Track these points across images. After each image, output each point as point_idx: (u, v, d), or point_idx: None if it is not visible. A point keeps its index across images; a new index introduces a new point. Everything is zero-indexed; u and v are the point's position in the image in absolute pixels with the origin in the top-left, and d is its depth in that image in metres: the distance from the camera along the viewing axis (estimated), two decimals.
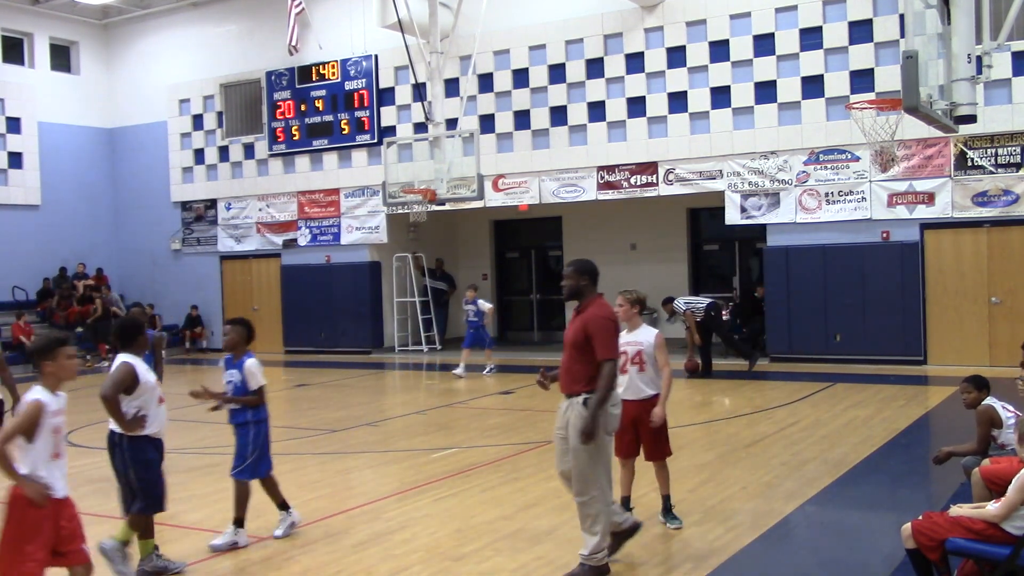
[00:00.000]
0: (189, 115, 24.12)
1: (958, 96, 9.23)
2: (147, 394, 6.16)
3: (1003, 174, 15.31)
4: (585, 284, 5.97)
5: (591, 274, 6.01)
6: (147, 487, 6.16)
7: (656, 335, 6.89)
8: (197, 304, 24.11)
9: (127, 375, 6.04)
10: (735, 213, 17.65)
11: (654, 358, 6.87)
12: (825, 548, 6.79)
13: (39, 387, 4.94)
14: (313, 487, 8.65)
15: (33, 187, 23.71)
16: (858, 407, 12.24)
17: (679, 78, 17.89)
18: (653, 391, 6.89)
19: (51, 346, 4.95)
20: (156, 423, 6.22)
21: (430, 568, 6.32)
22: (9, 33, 23.79)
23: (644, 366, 6.85)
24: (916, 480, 8.68)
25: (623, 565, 6.24)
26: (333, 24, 21.57)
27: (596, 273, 6.05)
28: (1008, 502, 4.92)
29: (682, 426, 11.51)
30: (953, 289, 15.92)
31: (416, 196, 16.95)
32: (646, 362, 6.85)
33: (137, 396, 6.11)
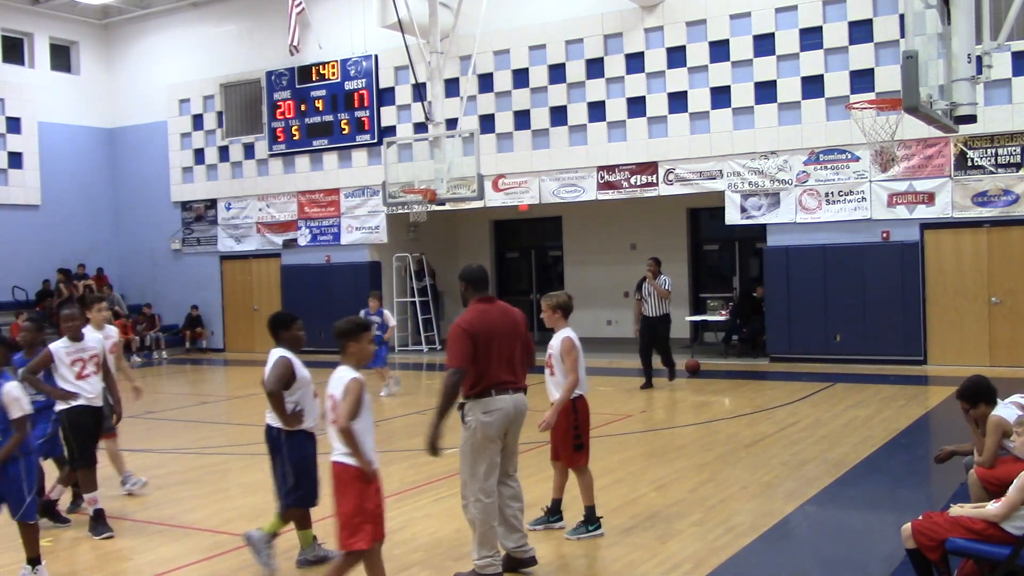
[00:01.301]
0: (189, 115, 24.13)
1: (958, 96, 9.23)
2: (303, 389, 6.25)
3: (1003, 174, 15.31)
4: (465, 290, 6.08)
5: (468, 279, 6.08)
6: (301, 481, 6.24)
7: (563, 340, 6.70)
8: (197, 304, 24.11)
9: (287, 369, 6.13)
10: (735, 213, 17.65)
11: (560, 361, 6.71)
12: (825, 548, 6.79)
13: (345, 366, 5.27)
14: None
15: (33, 187, 23.71)
16: (858, 407, 12.24)
17: (679, 78, 17.89)
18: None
19: (358, 329, 5.34)
20: (311, 417, 6.29)
21: (430, 568, 6.32)
22: (9, 33, 23.79)
23: (553, 370, 6.78)
24: (916, 480, 8.69)
25: (622, 564, 6.25)
26: (333, 24, 21.58)
27: (474, 278, 6.07)
28: (1009, 502, 4.92)
29: (682, 426, 11.52)
30: (953, 289, 15.92)
31: (416, 196, 16.94)
32: (555, 366, 6.76)
33: (294, 391, 6.19)
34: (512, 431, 6.00)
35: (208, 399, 16.75)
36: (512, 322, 6.04)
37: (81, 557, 6.88)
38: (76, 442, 7.30)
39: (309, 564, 6.38)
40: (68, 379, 7.29)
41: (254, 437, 12.20)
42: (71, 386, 7.26)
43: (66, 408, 7.26)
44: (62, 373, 7.29)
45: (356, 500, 5.07)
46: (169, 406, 15.43)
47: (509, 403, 5.88)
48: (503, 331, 5.93)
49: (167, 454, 10.85)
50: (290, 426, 6.16)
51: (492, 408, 5.79)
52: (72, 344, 7.37)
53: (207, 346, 24.05)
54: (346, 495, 5.08)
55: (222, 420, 14.27)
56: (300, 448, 6.24)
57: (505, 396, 5.86)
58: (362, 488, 5.07)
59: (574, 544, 6.69)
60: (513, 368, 5.96)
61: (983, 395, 6.32)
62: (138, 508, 8.20)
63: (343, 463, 5.09)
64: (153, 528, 7.48)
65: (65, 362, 7.30)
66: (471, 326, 5.83)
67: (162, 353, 23.16)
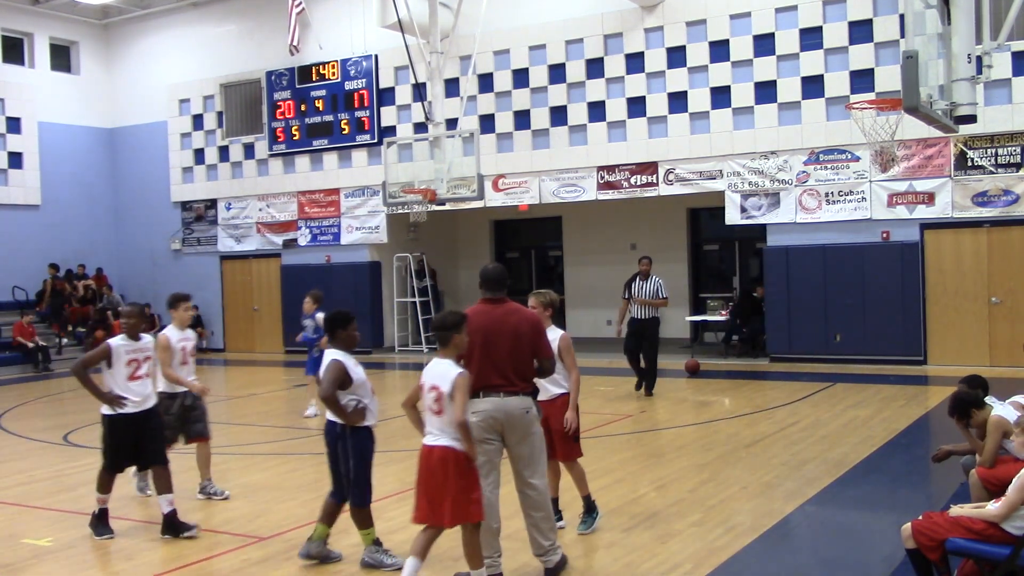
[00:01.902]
0: (189, 115, 24.12)
1: (958, 96, 9.22)
2: (361, 388, 6.29)
3: (1003, 174, 15.31)
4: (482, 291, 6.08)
5: (480, 277, 6.12)
6: (359, 479, 6.25)
7: (560, 337, 6.68)
8: (197, 304, 24.08)
9: (340, 372, 6.16)
10: (735, 213, 17.65)
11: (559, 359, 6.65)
12: (825, 548, 6.79)
13: (447, 360, 5.56)
14: (313, 487, 8.63)
15: (33, 187, 23.71)
16: (858, 407, 12.24)
17: (679, 78, 17.89)
18: (559, 390, 6.73)
19: (463, 322, 5.66)
20: (372, 415, 6.34)
21: (430, 568, 6.31)
22: (9, 33, 23.79)
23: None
24: (916, 480, 8.69)
25: (622, 564, 6.25)
26: (333, 24, 21.57)
27: (485, 277, 6.10)
28: (1008, 502, 4.92)
29: (682, 426, 11.51)
30: (953, 289, 15.91)
31: (416, 196, 16.93)
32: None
33: (352, 392, 6.24)
34: (512, 436, 5.87)
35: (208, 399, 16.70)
36: (514, 324, 5.91)
37: (81, 557, 6.88)
38: (110, 448, 7.16)
39: (309, 557, 6.41)
40: (119, 380, 7.08)
41: (254, 437, 12.22)
42: (121, 388, 7.06)
43: (110, 414, 7.08)
44: (116, 372, 7.08)
45: (469, 477, 5.49)
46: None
47: (493, 405, 5.78)
48: (500, 333, 5.84)
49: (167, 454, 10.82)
50: (353, 423, 6.18)
51: (476, 409, 5.74)
52: (131, 343, 7.19)
53: (207, 346, 24.03)
54: (459, 474, 5.46)
55: (222, 420, 14.25)
56: (364, 445, 6.27)
57: (490, 399, 5.79)
58: (469, 467, 5.50)
59: (574, 544, 6.69)
60: (507, 370, 5.83)
61: (973, 403, 6.34)
62: (138, 508, 8.20)
63: (452, 447, 5.46)
64: (153, 528, 7.48)
65: (122, 360, 7.11)
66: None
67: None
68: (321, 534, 6.43)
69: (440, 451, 5.48)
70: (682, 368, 16.43)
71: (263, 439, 11.73)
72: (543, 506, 5.99)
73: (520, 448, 5.91)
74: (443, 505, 5.45)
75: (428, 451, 5.54)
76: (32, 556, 6.91)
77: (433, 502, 5.49)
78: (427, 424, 5.59)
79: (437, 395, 5.48)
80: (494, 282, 6.07)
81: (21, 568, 6.64)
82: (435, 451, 5.50)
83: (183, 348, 8.12)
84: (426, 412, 5.59)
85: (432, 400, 5.50)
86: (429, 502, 5.51)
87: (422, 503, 5.55)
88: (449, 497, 5.44)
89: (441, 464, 5.47)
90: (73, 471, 9.96)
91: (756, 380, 15.62)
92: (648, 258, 14.20)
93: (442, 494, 5.45)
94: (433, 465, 5.50)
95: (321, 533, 6.43)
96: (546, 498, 6.04)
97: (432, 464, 5.50)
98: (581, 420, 6.84)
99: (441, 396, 5.46)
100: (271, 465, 9.94)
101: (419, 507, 5.58)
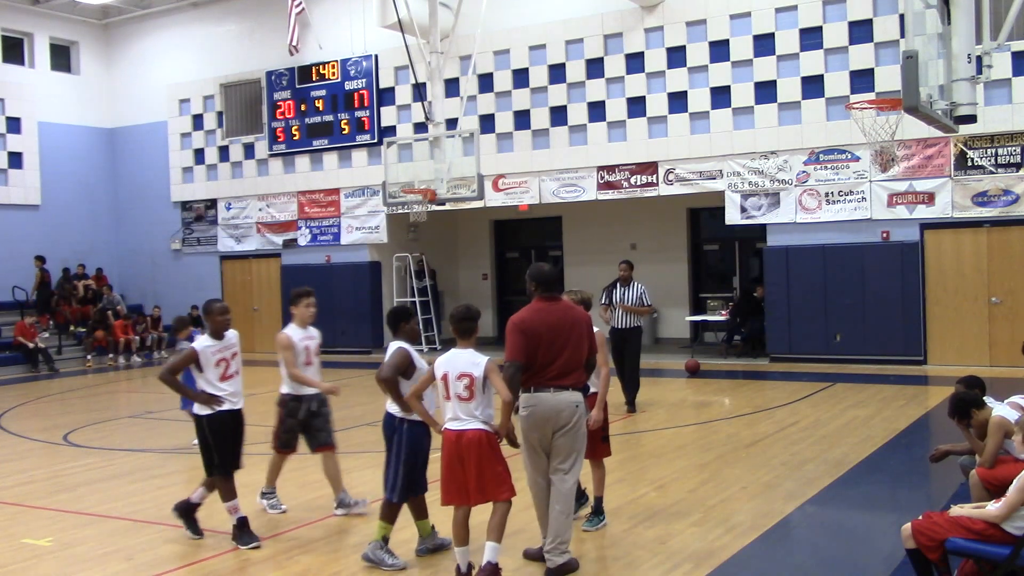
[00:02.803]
0: (189, 115, 24.12)
1: (958, 96, 9.22)
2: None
3: (1003, 174, 15.31)
4: (534, 288, 6.20)
5: (536, 278, 6.19)
6: (411, 471, 6.33)
7: (597, 334, 6.68)
8: (197, 304, 24.08)
9: (404, 359, 6.31)
10: (735, 213, 17.65)
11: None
12: (825, 548, 6.79)
13: (471, 350, 5.87)
14: (313, 487, 8.63)
15: (33, 187, 23.71)
16: (858, 407, 12.24)
17: (679, 78, 17.89)
18: (591, 389, 6.83)
19: (478, 316, 6.01)
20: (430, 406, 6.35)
21: (430, 568, 6.32)
22: (9, 33, 23.79)
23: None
24: (916, 480, 8.68)
25: (622, 564, 6.25)
26: (333, 24, 21.57)
27: (541, 277, 6.17)
28: (1009, 502, 4.92)
29: (682, 426, 11.51)
30: (953, 289, 15.91)
31: (416, 196, 16.92)
32: None
33: (414, 381, 6.30)
34: (558, 429, 5.99)
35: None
36: (571, 322, 6.09)
37: (81, 557, 6.87)
38: (218, 449, 6.88)
39: (429, 552, 6.50)
40: (212, 380, 6.87)
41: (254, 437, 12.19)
42: (214, 388, 6.85)
43: (208, 414, 6.86)
44: (206, 374, 6.86)
45: (497, 457, 5.80)
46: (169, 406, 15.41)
47: (548, 400, 5.97)
48: (558, 330, 6.02)
49: (167, 454, 10.85)
50: (408, 412, 6.27)
51: (530, 404, 5.98)
52: (216, 342, 6.96)
53: None
54: (490, 455, 5.75)
55: None
56: (418, 436, 6.35)
57: (545, 394, 5.97)
58: (498, 447, 5.83)
59: (575, 544, 6.69)
60: (564, 367, 6.00)
61: (973, 403, 6.34)
62: (138, 508, 8.20)
63: (482, 429, 5.76)
64: (153, 528, 7.48)
65: (211, 361, 6.87)
66: (523, 322, 6.01)
67: (162, 353, 23.15)
68: (425, 530, 6.57)
69: (471, 434, 5.74)
70: (682, 368, 16.44)
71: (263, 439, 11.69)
72: (567, 501, 6.04)
73: (561, 440, 6.02)
74: (472, 485, 5.72)
75: (457, 435, 5.77)
76: (32, 556, 6.91)
77: (462, 484, 5.75)
78: (449, 411, 5.82)
79: (469, 382, 5.75)
80: (552, 282, 6.24)
81: (21, 568, 6.64)
82: (465, 434, 5.75)
83: (307, 347, 7.68)
84: (449, 400, 5.82)
85: (462, 387, 5.75)
86: (458, 484, 5.76)
87: (452, 487, 5.79)
88: (479, 477, 5.71)
89: (471, 446, 5.72)
90: (73, 471, 9.96)
91: (756, 380, 15.62)
92: (628, 262, 12.59)
93: (471, 475, 5.72)
94: (463, 448, 5.73)
95: (425, 529, 6.57)
96: (571, 496, 6.09)
97: (461, 447, 5.74)
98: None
99: (473, 382, 5.74)
100: None
101: (448, 490, 5.81)
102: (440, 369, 5.88)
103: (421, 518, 6.57)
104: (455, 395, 5.80)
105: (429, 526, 6.59)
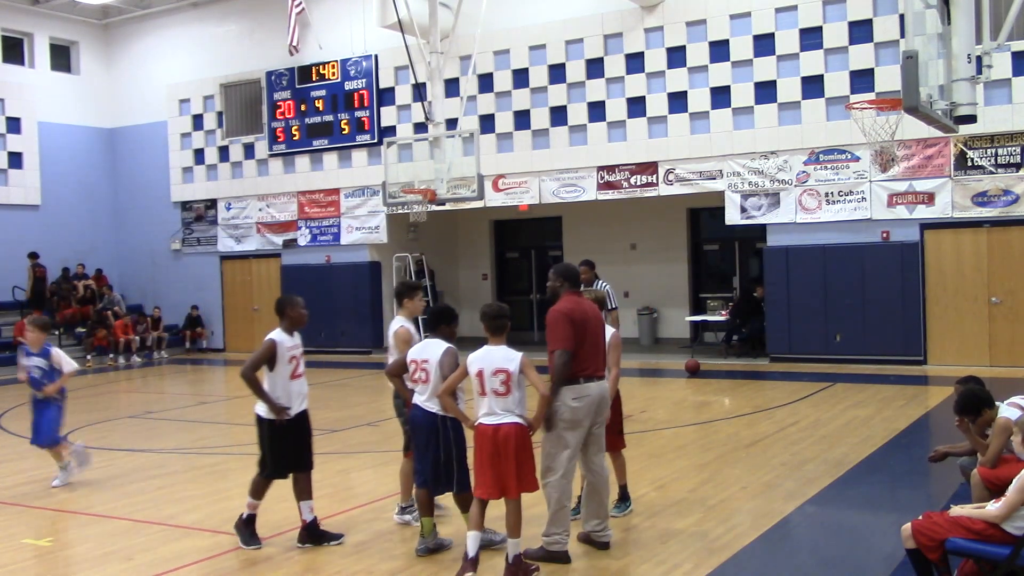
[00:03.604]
0: (189, 115, 24.12)
1: (958, 96, 9.22)
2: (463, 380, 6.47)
3: (1003, 174, 15.31)
4: (560, 285, 6.42)
5: (564, 275, 6.45)
6: (459, 466, 6.39)
7: (615, 333, 7.05)
8: (198, 305, 24.10)
9: (457, 358, 6.42)
10: (735, 213, 17.65)
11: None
12: (825, 548, 6.79)
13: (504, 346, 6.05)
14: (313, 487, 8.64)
15: (33, 187, 23.71)
16: (858, 407, 12.24)
17: (679, 78, 17.89)
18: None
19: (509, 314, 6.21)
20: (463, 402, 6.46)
21: (430, 568, 6.32)
22: (9, 33, 23.79)
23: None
24: (916, 480, 8.69)
25: (623, 565, 6.25)
26: (333, 24, 21.57)
27: (569, 274, 6.48)
28: (1008, 502, 4.93)
29: (682, 426, 11.51)
30: (953, 289, 15.92)
31: (416, 196, 16.92)
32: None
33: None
34: (599, 418, 6.33)
35: (208, 399, 16.76)
36: (597, 317, 6.47)
37: (81, 557, 6.88)
38: (273, 455, 6.78)
39: (429, 552, 6.54)
40: (282, 378, 6.70)
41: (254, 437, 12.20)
42: (283, 389, 6.68)
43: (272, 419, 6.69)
44: (279, 370, 6.66)
45: (529, 452, 5.99)
46: (169, 406, 15.44)
47: (597, 390, 6.25)
48: (593, 322, 6.36)
49: (167, 454, 10.86)
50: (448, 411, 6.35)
51: (581, 395, 6.17)
52: (290, 339, 6.77)
53: (207, 346, 24.05)
54: (524, 449, 5.94)
55: (222, 420, 14.28)
56: (463, 434, 6.42)
57: (592, 384, 6.24)
58: (529, 442, 5.99)
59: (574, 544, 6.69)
60: (600, 358, 6.36)
61: (985, 402, 6.29)
62: (138, 508, 8.20)
63: (517, 424, 5.93)
64: (153, 528, 7.49)
65: (285, 357, 6.70)
66: (571, 312, 6.22)
67: (162, 353, 23.18)
68: (429, 528, 6.61)
69: (507, 428, 5.91)
70: (682, 368, 16.44)
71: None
72: (606, 486, 6.51)
73: (599, 429, 6.41)
74: (510, 478, 5.89)
75: (492, 430, 5.93)
76: (32, 556, 6.91)
77: (499, 476, 5.90)
78: (484, 406, 5.98)
79: (505, 377, 5.91)
80: (578, 280, 6.59)
81: (21, 568, 6.65)
82: (501, 428, 5.91)
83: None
84: (484, 396, 5.97)
85: (498, 383, 5.91)
86: (496, 478, 5.90)
87: (487, 479, 5.93)
88: (516, 470, 5.89)
89: (508, 440, 5.89)
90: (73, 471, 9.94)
91: (756, 380, 15.62)
92: (588, 262, 10.72)
93: (511, 468, 5.89)
94: (499, 442, 5.89)
95: (429, 527, 6.60)
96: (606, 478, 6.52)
97: (497, 441, 5.90)
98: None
99: (509, 378, 5.91)
100: None
101: (484, 483, 5.95)
102: (474, 366, 6.01)
103: (427, 515, 6.60)
104: (491, 391, 5.95)
105: (432, 524, 6.63)
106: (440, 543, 6.62)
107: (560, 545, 6.23)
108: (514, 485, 5.91)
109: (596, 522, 6.48)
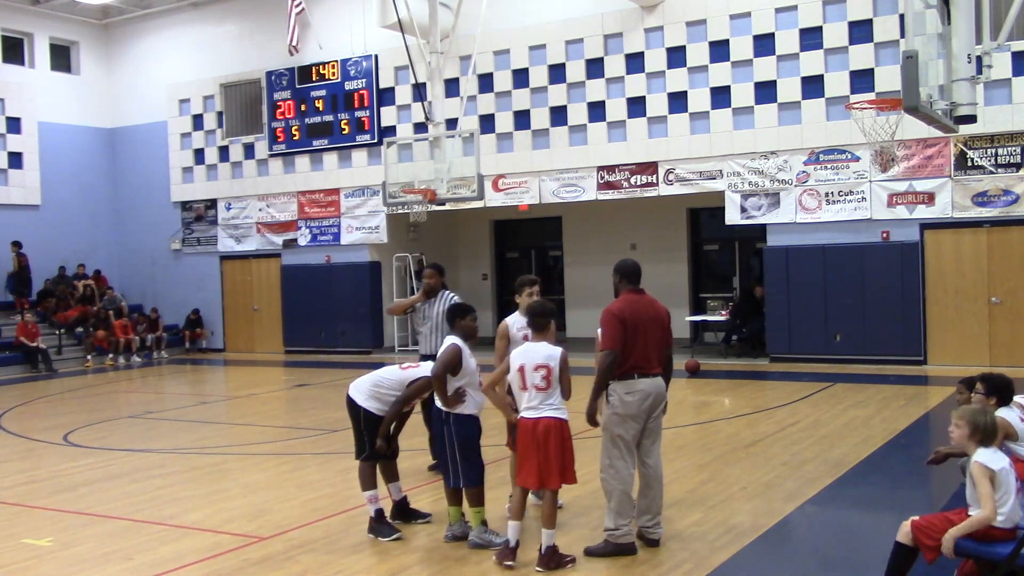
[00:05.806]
0: (189, 115, 24.13)
1: (958, 96, 9.22)
2: (469, 377, 6.55)
3: (1003, 174, 15.31)
4: (619, 282, 6.63)
5: (623, 272, 6.64)
6: (465, 461, 6.51)
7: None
8: (198, 307, 24.08)
9: (455, 357, 6.48)
10: (735, 213, 17.65)
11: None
12: (825, 548, 6.79)
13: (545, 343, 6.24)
14: (313, 487, 8.64)
15: (33, 187, 23.72)
16: (858, 407, 12.24)
17: (679, 78, 17.89)
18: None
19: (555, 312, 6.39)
20: (474, 404, 6.59)
21: (430, 568, 6.32)
22: (9, 33, 23.79)
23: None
24: (916, 480, 8.68)
25: (623, 564, 6.25)
26: (333, 24, 21.58)
27: (628, 271, 6.65)
28: (986, 497, 4.95)
29: (682, 426, 11.51)
30: (953, 289, 15.92)
31: (416, 196, 16.92)
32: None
33: (460, 378, 6.52)
34: (654, 413, 6.44)
35: (208, 399, 16.75)
36: (657, 313, 6.53)
37: (81, 557, 6.88)
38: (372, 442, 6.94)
39: (456, 539, 6.69)
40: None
41: (254, 437, 12.22)
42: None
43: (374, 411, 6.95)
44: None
45: (569, 445, 6.19)
46: (169, 406, 15.44)
47: (650, 386, 6.36)
48: (649, 320, 6.43)
49: (167, 454, 10.85)
50: (449, 407, 6.48)
51: (634, 389, 6.31)
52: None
53: (207, 346, 24.05)
54: (564, 441, 6.12)
55: (222, 420, 14.28)
56: (466, 431, 6.54)
57: (646, 379, 6.35)
58: (569, 436, 6.19)
59: (575, 544, 6.68)
60: (655, 355, 6.44)
61: (1006, 393, 6.22)
62: (138, 508, 8.20)
63: (557, 418, 6.12)
64: (153, 528, 7.48)
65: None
66: (622, 312, 6.34)
67: (162, 353, 23.17)
68: (456, 516, 6.75)
69: (548, 421, 6.10)
70: (682, 368, 16.43)
71: (263, 439, 11.74)
72: (660, 482, 6.56)
73: (655, 423, 6.51)
74: (551, 470, 6.07)
75: (533, 423, 6.12)
76: (32, 556, 6.91)
77: (541, 468, 6.07)
78: (525, 400, 6.17)
79: (546, 372, 6.11)
80: (637, 275, 6.68)
81: (21, 568, 6.65)
82: (541, 422, 6.10)
83: (525, 336, 7.13)
84: (525, 391, 6.15)
85: (539, 378, 6.12)
86: (537, 469, 6.07)
87: (530, 470, 6.10)
88: (557, 462, 6.08)
89: (549, 433, 6.08)
90: (73, 471, 9.96)
91: (756, 380, 15.62)
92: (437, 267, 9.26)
93: (554, 460, 6.07)
94: (539, 435, 6.08)
95: (455, 515, 6.75)
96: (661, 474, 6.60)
97: (538, 434, 6.08)
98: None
99: (551, 373, 6.11)
100: (271, 465, 9.93)
101: (527, 474, 6.12)
102: (516, 361, 6.22)
103: (455, 504, 6.76)
104: (532, 385, 6.15)
105: (460, 513, 6.77)
106: (467, 531, 6.70)
107: (628, 537, 6.33)
108: (555, 477, 6.08)
109: (648, 517, 6.52)
